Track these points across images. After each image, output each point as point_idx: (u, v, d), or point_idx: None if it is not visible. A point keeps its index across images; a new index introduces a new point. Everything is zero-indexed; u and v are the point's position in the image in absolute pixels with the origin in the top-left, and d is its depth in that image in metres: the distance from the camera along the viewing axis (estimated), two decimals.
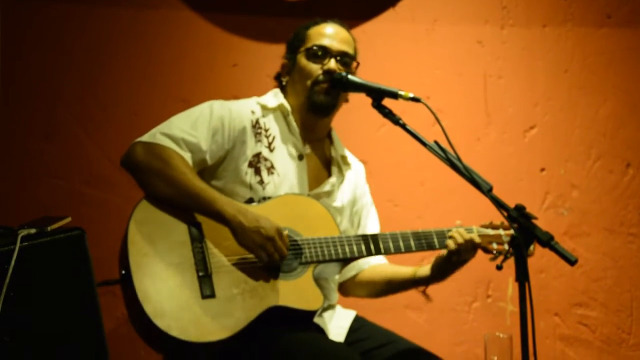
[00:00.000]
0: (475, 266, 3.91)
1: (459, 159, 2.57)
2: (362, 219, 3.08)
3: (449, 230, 2.90)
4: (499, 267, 2.46)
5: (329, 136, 3.04)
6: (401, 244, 2.86)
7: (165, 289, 2.56)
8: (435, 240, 2.90)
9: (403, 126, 2.70)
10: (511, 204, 2.53)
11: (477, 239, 2.85)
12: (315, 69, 2.89)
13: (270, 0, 3.92)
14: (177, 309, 2.55)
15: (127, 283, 2.57)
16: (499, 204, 2.50)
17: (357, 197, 3.06)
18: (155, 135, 2.71)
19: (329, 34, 2.93)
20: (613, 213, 4.13)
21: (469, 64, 4.10)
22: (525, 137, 4.12)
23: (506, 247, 2.94)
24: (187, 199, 2.65)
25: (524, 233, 2.43)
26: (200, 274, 2.61)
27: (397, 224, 3.06)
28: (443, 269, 2.91)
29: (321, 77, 2.89)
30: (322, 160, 2.99)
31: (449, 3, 4.10)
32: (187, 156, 2.72)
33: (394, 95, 2.72)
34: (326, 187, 2.94)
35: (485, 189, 2.53)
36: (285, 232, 2.69)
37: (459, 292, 4.02)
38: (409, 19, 4.06)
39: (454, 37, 4.10)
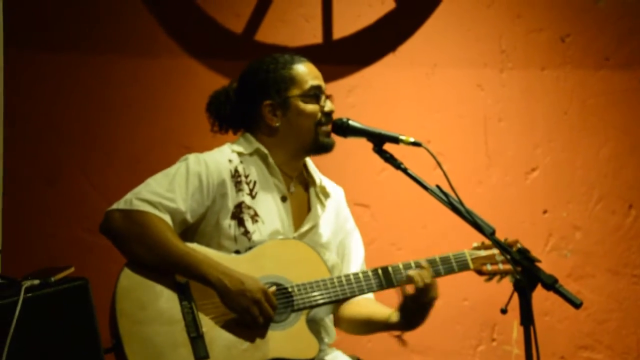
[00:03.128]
0: (480, 308, 3.94)
1: (460, 203, 2.57)
2: (347, 248, 3.05)
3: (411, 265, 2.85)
4: (504, 311, 2.45)
5: (304, 167, 3.03)
6: (382, 280, 2.83)
7: (158, 355, 2.56)
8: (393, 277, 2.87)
9: (404, 171, 2.70)
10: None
11: (428, 279, 2.77)
12: (317, 110, 2.88)
13: (272, 47, 3.95)
14: None
15: (119, 352, 2.56)
16: (502, 248, 2.50)
17: (340, 225, 3.04)
18: (132, 202, 2.68)
19: (315, 73, 2.93)
20: (616, 254, 4.13)
21: (469, 107, 4.12)
22: (527, 179, 4.14)
23: (500, 266, 2.91)
24: (170, 264, 2.64)
25: (528, 276, 2.43)
26: (192, 335, 2.60)
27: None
28: (408, 316, 2.85)
29: (323, 118, 2.89)
30: (303, 194, 2.98)
31: (448, 47, 4.13)
32: (167, 218, 2.69)
33: (395, 140, 2.73)
34: (310, 222, 2.93)
35: (488, 232, 2.53)
36: (272, 290, 2.69)
37: (463, 336, 4.01)
38: (408, 63, 4.10)
39: (453, 81, 4.12)
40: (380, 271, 2.84)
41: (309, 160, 3.02)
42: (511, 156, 4.13)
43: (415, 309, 2.82)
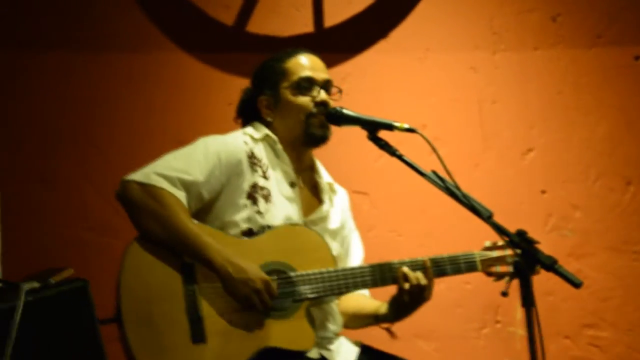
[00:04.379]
0: (482, 291, 3.94)
1: (457, 187, 2.57)
2: (349, 245, 3.07)
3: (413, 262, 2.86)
4: (505, 294, 2.45)
5: (312, 165, 3.04)
6: (387, 276, 2.84)
7: (156, 334, 2.59)
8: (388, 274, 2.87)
9: (400, 157, 2.71)
10: (513, 228, 2.53)
11: (423, 281, 2.79)
12: (306, 101, 2.89)
13: (264, 37, 3.95)
14: (169, 355, 2.59)
15: (120, 326, 2.61)
16: (500, 230, 2.50)
17: (344, 222, 3.07)
18: (150, 176, 2.71)
19: (308, 64, 2.94)
20: (616, 232, 4.13)
21: (462, 90, 4.12)
22: (524, 160, 4.13)
23: (509, 268, 2.91)
24: (179, 243, 2.67)
25: (527, 258, 2.43)
26: (191, 318, 2.63)
27: (401, 253, 3.05)
28: (397, 310, 2.88)
29: (315, 109, 2.89)
30: (311, 189, 3.00)
31: (440, 31, 4.13)
32: (182, 195, 2.72)
33: (389, 127, 2.73)
34: (320, 213, 2.94)
35: (486, 216, 2.53)
36: (273, 280, 2.70)
37: (467, 319, 4.02)
38: (400, 49, 4.10)
39: (446, 65, 4.12)
40: (380, 267, 2.85)
41: (317, 161, 3.05)
42: (507, 138, 4.13)
43: (407, 303, 2.83)
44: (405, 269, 2.81)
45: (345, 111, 2.86)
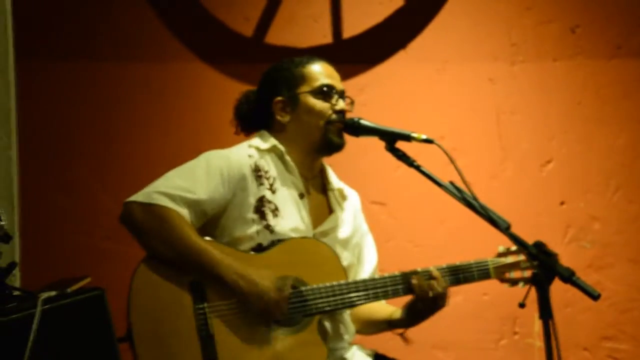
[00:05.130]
0: (500, 302, 3.92)
1: (475, 198, 2.56)
2: (362, 251, 3.05)
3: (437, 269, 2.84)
4: (522, 305, 2.43)
5: (321, 171, 3.02)
6: (399, 287, 2.82)
7: (168, 355, 2.59)
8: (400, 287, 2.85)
9: (418, 168, 2.69)
10: (532, 240, 2.50)
11: (437, 289, 2.78)
12: (327, 108, 2.87)
13: (282, 49, 3.95)
14: None
15: (131, 346, 2.59)
16: (517, 242, 2.48)
17: (356, 227, 3.04)
18: (151, 195, 2.69)
19: (329, 72, 2.93)
20: (636, 243, 4.10)
21: (481, 101, 4.11)
22: (542, 171, 4.11)
23: (523, 274, 2.90)
24: (187, 262, 2.66)
25: (545, 270, 2.41)
26: (202, 336, 2.61)
27: (419, 263, 3.02)
28: (412, 316, 2.87)
29: (334, 116, 2.88)
30: (320, 197, 2.98)
31: (459, 42, 4.12)
32: (185, 213, 2.69)
33: (407, 138, 2.72)
34: (330, 223, 2.92)
35: (503, 227, 2.51)
36: (287, 293, 2.69)
37: (485, 330, 4.00)
38: (419, 60, 4.09)
39: (465, 76, 4.11)
40: (398, 277, 2.84)
41: (327, 167, 3.03)
42: (526, 149, 4.11)
43: (422, 311, 2.83)
44: (418, 279, 2.80)
45: (363, 122, 2.84)
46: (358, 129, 2.85)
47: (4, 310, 2.31)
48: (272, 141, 2.89)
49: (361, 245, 3.05)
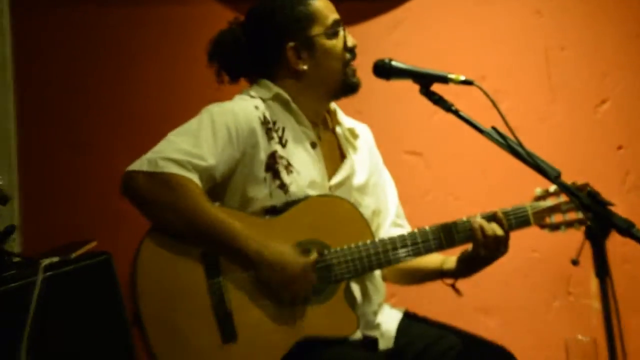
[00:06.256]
0: (551, 260, 3.91)
1: (520, 145, 2.52)
2: (382, 191, 3.04)
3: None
4: (575, 262, 2.41)
5: (328, 112, 2.99)
6: (431, 243, 2.81)
7: (183, 339, 2.56)
8: (456, 235, 2.83)
9: (456, 113, 2.66)
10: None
11: (500, 232, 2.78)
12: (341, 47, 2.86)
13: None
14: None
15: (141, 331, 2.56)
16: (569, 191, 2.45)
17: (374, 165, 3.04)
18: (157, 162, 2.63)
19: (330, 6, 2.90)
20: None
21: (527, 37, 4.07)
22: (597, 113, 4.08)
23: (565, 217, 2.87)
24: (202, 233, 2.62)
25: (600, 222, 2.38)
26: (219, 315, 2.60)
27: (459, 215, 3.02)
28: (469, 265, 2.87)
29: (348, 55, 2.87)
30: (332, 141, 2.96)
31: None
32: (196, 178, 2.66)
33: (444, 80, 2.67)
34: (345, 171, 2.90)
35: (553, 176, 2.48)
36: (313, 259, 2.67)
37: (535, 291, 4.00)
38: None
39: (508, 9, 4.08)
40: (439, 231, 2.82)
41: (336, 107, 3.01)
42: (577, 88, 4.08)
43: (483, 258, 2.81)
44: (481, 221, 2.80)
45: (395, 63, 2.80)
46: (389, 71, 2.80)
47: (2, 278, 2.34)
48: (275, 89, 2.85)
49: (382, 186, 3.04)
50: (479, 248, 2.80)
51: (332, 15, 2.87)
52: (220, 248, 2.64)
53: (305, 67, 2.85)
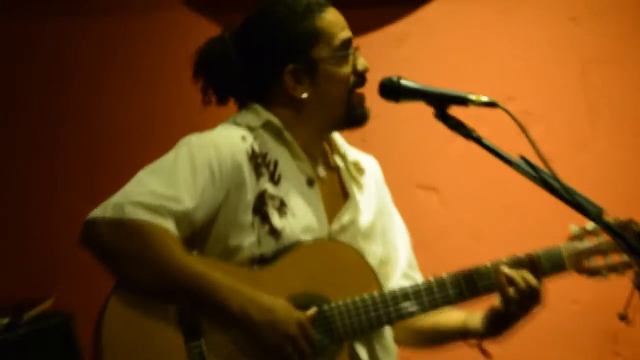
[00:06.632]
0: (595, 313, 3.90)
1: (555, 178, 2.52)
2: (391, 236, 3.02)
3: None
4: (623, 317, 2.42)
5: (329, 143, 2.99)
6: (450, 293, 2.80)
7: None
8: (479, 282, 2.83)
9: (478, 140, 2.66)
10: None
11: (534, 281, 2.75)
12: (349, 71, 2.84)
13: None
14: None
15: None
16: (614, 233, 2.45)
17: (381, 204, 3.01)
18: (123, 208, 2.60)
19: (342, 21, 2.86)
20: None
21: (560, 48, 4.12)
22: None
23: (607, 260, 2.85)
24: (178, 290, 2.61)
25: None
26: None
27: (482, 261, 3.04)
28: (497, 322, 2.83)
29: (353, 79, 2.84)
30: (332, 178, 2.94)
31: None
32: (171, 226, 2.64)
33: (463, 101, 2.67)
34: (349, 213, 2.90)
35: (594, 214, 2.48)
36: (309, 315, 2.66)
37: (574, 349, 4.02)
38: None
39: (537, 17, 4.13)
40: (458, 279, 2.81)
41: (338, 137, 2.99)
42: (621, 108, 4.12)
43: (515, 314, 2.79)
44: (508, 270, 2.78)
45: (404, 82, 2.79)
46: (398, 92, 2.80)
47: None
48: (265, 114, 2.84)
49: (389, 229, 3.02)
50: (508, 300, 2.77)
51: (342, 33, 2.83)
52: (198, 305, 2.62)
53: (304, 95, 2.83)
